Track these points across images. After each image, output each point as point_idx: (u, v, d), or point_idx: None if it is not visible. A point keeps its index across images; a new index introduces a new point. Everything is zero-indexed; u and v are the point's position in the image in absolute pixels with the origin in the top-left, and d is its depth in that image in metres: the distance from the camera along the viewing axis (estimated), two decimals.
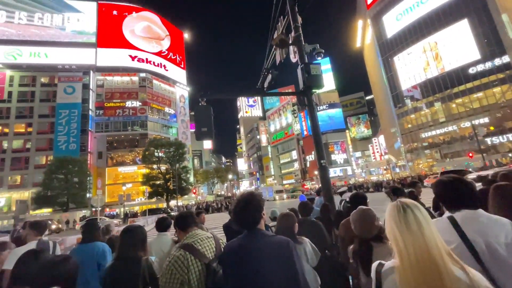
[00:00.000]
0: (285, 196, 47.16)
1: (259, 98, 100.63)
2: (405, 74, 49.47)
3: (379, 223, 2.01)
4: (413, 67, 47.86)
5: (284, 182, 72.51)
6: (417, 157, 48.55)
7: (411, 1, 48.37)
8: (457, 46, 41.89)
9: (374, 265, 1.25)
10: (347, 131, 71.56)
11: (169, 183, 39.01)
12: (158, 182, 40.02)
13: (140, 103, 52.95)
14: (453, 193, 1.63)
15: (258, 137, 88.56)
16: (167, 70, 59.58)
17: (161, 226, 3.26)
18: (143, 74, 54.74)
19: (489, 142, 37.64)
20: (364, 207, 2.11)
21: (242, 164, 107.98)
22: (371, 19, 56.85)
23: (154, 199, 41.45)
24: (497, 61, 38.18)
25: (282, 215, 2.72)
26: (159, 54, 58.39)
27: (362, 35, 66.91)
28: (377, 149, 69.43)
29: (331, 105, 66.88)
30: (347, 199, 4.09)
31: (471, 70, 40.47)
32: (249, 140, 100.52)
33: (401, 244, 1.05)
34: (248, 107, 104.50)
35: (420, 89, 46.91)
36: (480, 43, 39.85)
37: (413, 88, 47.74)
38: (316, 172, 47.75)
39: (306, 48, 6.63)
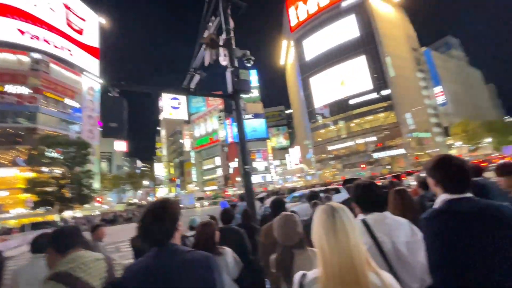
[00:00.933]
0: (206, 203, 46.13)
1: (184, 100, 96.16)
2: (318, 94, 56.89)
3: (301, 229, 1.98)
4: (325, 89, 55.60)
5: (206, 188, 71.09)
6: (324, 167, 56.00)
7: (325, 33, 56.52)
8: (358, 76, 51.23)
9: (297, 276, 1.16)
10: (268, 140, 76.55)
11: (64, 190, 32.24)
12: (48, 189, 32.38)
13: (30, 90, 42.59)
14: (369, 196, 1.73)
15: (181, 141, 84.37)
16: (72, 55, 50.12)
17: (38, 246, 2.42)
18: (37, 55, 44.39)
19: (375, 157, 46.97)
20: (287, 213, 2.04)
21: (160, 169, 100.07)
22: (294, 41, 63.42)
23: (42, 211, 33.29)
24: (383, 93, 48.53)
25: (202, 224, 2.43)
26: (64, 35, 48.68)
27: (286, 54, 73.70)
28: (293, 158, 76.80)
29: (256, 115, 70.54)
30: (268, 205, 4.12)
31: (366, 97, 50.04)
32: (170, 144, 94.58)
33: (327, 252, 0.98)
34: (172, 108, 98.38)
35: (329, 108, 54.72)
36: (373, 77, 49.90)
37: (324, 107, 55.26)
38: (238, 179, 48.78)
39: (236, 52, 6.59)
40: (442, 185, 1.41)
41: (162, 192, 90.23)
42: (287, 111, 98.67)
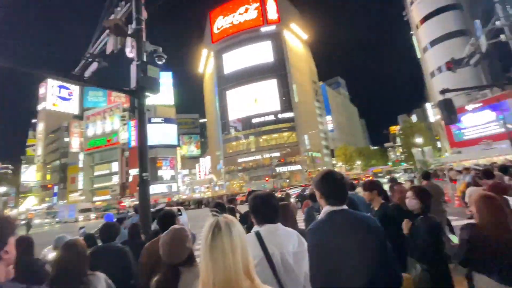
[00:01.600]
0: (93, 215, 38.84)
1: (77, 91, 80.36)
2: (233, 108, 58.90)
3: (191, 244, 1.78)
4: (240, 103, 58.19)
5: (96, 198, 60.23)
6: (233, 178, 57.56)
7: (245, 52, 59.97)
8: (269, 96, 56.18)
9: None
10: (178, 148, 72.79)
11: None
12: None
13: None
14: (264, 208, 1.72)
15: (66, 139, 69.29)
16: None
17: None
18: None
19: (278, 171, 51.87)
20: (176, 226, 1.81)
21: (31, 173, 78.21)
22: (214, 52, 64.19)
23: None
24: (288, 114, 54.86)
25: (65, 245, 1.88)
26: None
27: (206, 63, 73.51)
28: (203, 168, 75.49)
29: (167, 120, 66.05)
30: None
31: (274, 117, 55.27)
32: (50, 142, 76.27)
33: (203, 270, 0.94)
34: (59, 99, 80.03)
35: (242, 122, 57.35)
36: (281, 99, 55.85)
37: (237, 121, 57.52)
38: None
39: (146, 46, 5.95)
40: (325, 198, 1.54)
41: (29, 203, 70.57)
42: (202, 120, 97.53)
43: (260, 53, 58.87)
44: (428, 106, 52.44)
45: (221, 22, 64.26)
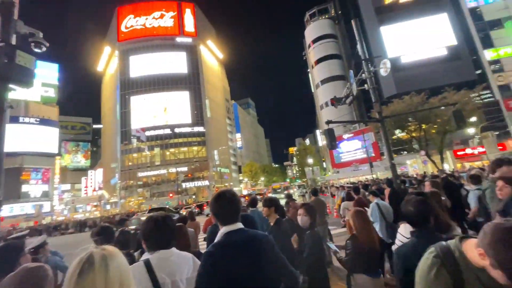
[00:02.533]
0: None
1: None
2: (138, 115, 53.27)
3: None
4: (146, 111, 53.29)
5: None
6: (130, 195, 50.82)
7: (157, 58, 56.32)
8: (180, 108, 53.99)
9: None
10: (58, 157, 58.66)
11: None
12: None
13: None
14: (159, 232, 1.54)
15: None
16: None
17: None
18: None
19: (184, 186, 49.39)
20: (31, 264, 1.35)
21: None
22: (120, 52, 57.29)
23: None
24: (199, 129, 54.03)
25: None
26: None
27: (107, 62, 64.41)
28: (91, 183, 63.32)
29: (45, 121, 52.47)
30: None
31: (184, 129, 53.22)
32: None
33: None
34: None
35: (146, 132, 52.38)
36: (193, 113, 54.65)
37: (141, 130, 52.14)
38: None
39: (19, 26, 4.66)
40: (220, 219, 1.51)
41: None
42: (96, 126, 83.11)
43: (173, 62, 56.68)
44: (318, 132, 63.24)
45: (131, 22, 58.68)
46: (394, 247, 2.03)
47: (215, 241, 1.46)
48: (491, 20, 33.52)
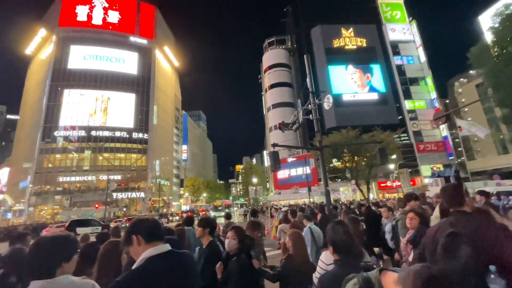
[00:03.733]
0: None
1: None
2: (70, 111, 46.86)
3: None
4: (81, 108, 47.33)
5: None
6: (44, 202, 43.07)
7: (103, 52, 51.58)
8: (123, 110, 49.53)
9: None
10: None
11: None
12: None
13: None
14: (38, 257, 1.26)
15: None
16: None
17: None
18: None
19: (115, 196, 44.20)
20: None
21: None
22: (58, 38, 50.71)
23: None
24: (142, 135, 50.10)
25: None
26: None
27: (39, 45, 56.00)
28: None
29: None
30: None
31: (124, 134, 48.63)
32: None
33: None
34: None
35: (79, 131, 46.17)
36: (137, 117, 50.68)
37: (71, 128, 45.76)
38: None
39: None
40: (140, 239, 1.32)
41: None
42: (11, 116, 69.69)
43: (123, 61, 52.68)
44: (265, 153, 65.12)
45: (81, 9, 53.15)
46: (314, 275, 2.08)
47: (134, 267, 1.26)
48: (411, 77, 40.97)
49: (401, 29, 43.33)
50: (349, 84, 40.91)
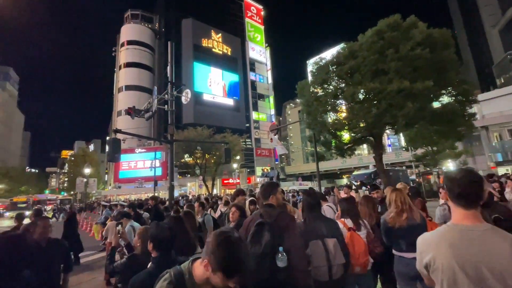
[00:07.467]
0: None
1: None
2: None
3: None
4: None
5: None
6: None
7: None
8: None
9: None
10: None
11: None
12: None
13: None
14: None
15: None
16: None
17: None
18: None
19: None
20: None
21: None
22: None
23: None
24: None
25: None
26: None
27: None
28: None
29: None
30: None
31: None
32: None
33: None
34: None
35: None
36: None
37: None
38: None
39: None
40: None
41: None
42: None
43: None
44: (108, 139, 55.05)
45: None
46: None
47: None
48: (260, 93, 48.96)
49: (259, 51, 51.04)
50: (211, 85, 43.03)
